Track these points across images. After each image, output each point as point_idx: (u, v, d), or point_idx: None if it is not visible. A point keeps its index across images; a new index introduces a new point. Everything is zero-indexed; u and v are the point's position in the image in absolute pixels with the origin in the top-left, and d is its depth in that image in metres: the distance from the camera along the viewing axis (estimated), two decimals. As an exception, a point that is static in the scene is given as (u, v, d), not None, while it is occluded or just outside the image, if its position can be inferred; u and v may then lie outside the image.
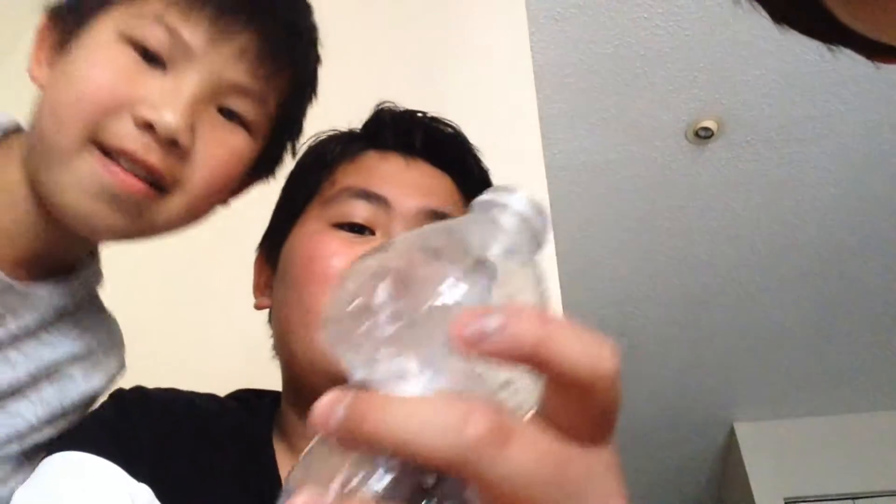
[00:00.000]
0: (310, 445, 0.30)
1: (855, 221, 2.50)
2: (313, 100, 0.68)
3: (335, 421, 0.27)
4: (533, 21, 1.83)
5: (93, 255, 0.65)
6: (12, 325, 0.58)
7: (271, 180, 0.69)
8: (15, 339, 0.58)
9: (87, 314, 0.64)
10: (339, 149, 0.72)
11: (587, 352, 0.27)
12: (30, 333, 0.59)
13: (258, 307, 0.70)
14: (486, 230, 0.32)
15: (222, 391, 0.72)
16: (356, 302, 0.30)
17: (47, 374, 0.61)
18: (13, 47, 1.50)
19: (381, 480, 0.27)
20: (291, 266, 0.65)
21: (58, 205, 0.55)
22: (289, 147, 0.68)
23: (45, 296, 0.60)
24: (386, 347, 0.29)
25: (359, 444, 0.26)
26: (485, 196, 0.33)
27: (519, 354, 0.26)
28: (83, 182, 0.53)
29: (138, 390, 0.65)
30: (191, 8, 0.55)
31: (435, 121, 0.73)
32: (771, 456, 3.26)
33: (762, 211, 2.47)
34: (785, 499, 3.13)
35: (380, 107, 0.75)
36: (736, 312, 2.84)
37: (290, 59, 0.61)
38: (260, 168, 0.65)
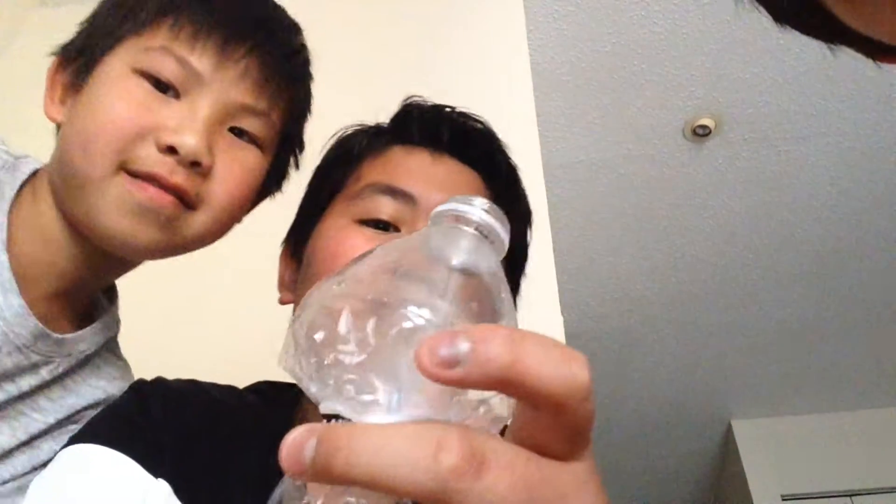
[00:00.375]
0: (279, 486, 0.29)
1: (852, 219, 2.50)
2: (309, 115, 0.72)
3: (305, 461, 0.26)
4: (531, 20, 1.82)
5: (112, 301, 0.69)
6: (44, 372, 0.62)
7: (278, 194, 0.72)
8: (44, 387, 0.62)
9: (105, 361, 0.68)
10: (365, 143, 0.71)
11: (558, 369, 0.26)
12: (57, 380, 0.63)
13: (282, 302, 0.70)
14: (446, 243, 0.31)
15: (241, 384, 0.72)
16: (319, 333, 0.29)
17: (72, 417, 0.65)
18: (8, 44, 1.50)
19: None
20: (315, 262, 0.64)
21: (97, 228, 0.58)
22: (292, 161, 0.72)
23: (76, 342, 0.63)
24: (354, 376, 0.28)
25: (331, 481, 0.26)
26: (443, 207, 0.33)
27: (490, 380, 0.26)
28: (119, 203, 0.57)
29: (158, 382, 0.65)
30: (196, 38, 0.59)
31: (463, 116, 0.72)
32: (768, 453, 3.26)
33: (760, 209, 2.47)
34: (782, 496, 3.14)
35: (407, 101, 0.73)
36: (733, 310, 2.85)
37: (289, 77, 0.65)
38: (269, 183, 0.68)
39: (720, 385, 3.20)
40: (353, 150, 0.71)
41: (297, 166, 0.72)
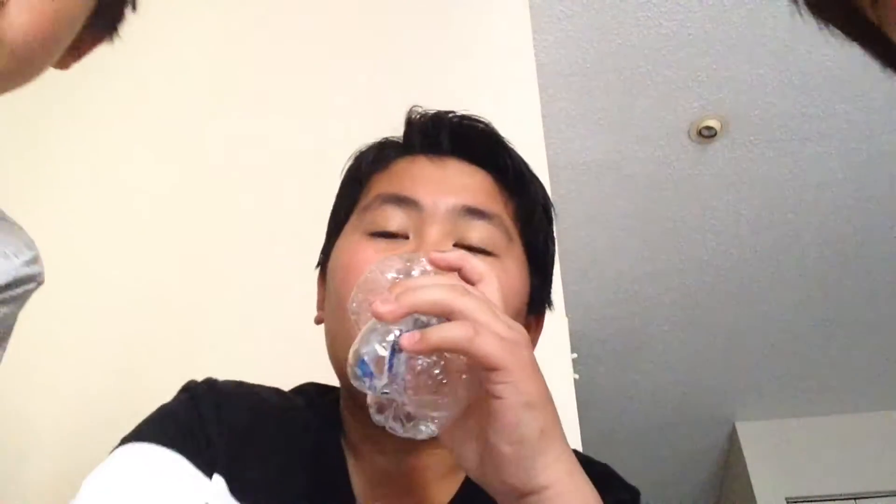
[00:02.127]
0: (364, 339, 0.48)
1: (858, 221, 2.49)
2: None
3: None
4: (536, 20, 1.83)
5: None
6: None
7: (116, 40, 0.65)
8: None
9: None
10: (372, 158, 0.73)
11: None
12: None
13: (316, 322, 0.71)
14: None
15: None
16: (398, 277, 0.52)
17: None
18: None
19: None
20: (332, 278, 0.66)
21: None
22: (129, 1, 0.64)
23: None
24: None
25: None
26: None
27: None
28: None
29: (209, 382, 0.66)
30: None
31: (464, 118, 0.73)
32: (773, 455, 3.26)
33: (764, 210, 2.47)
34: (787, 498, 3.13)
35: (409, 112, 0.74)
36: (738, 312, 2.84)
37: None
38: (98, 25, 0.61)
39: (725, 387, 3.20)
40: (362, 167, 0.73)
41: (134, 6, 0.64)
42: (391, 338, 0.47)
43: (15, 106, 0.58)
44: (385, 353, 0.47)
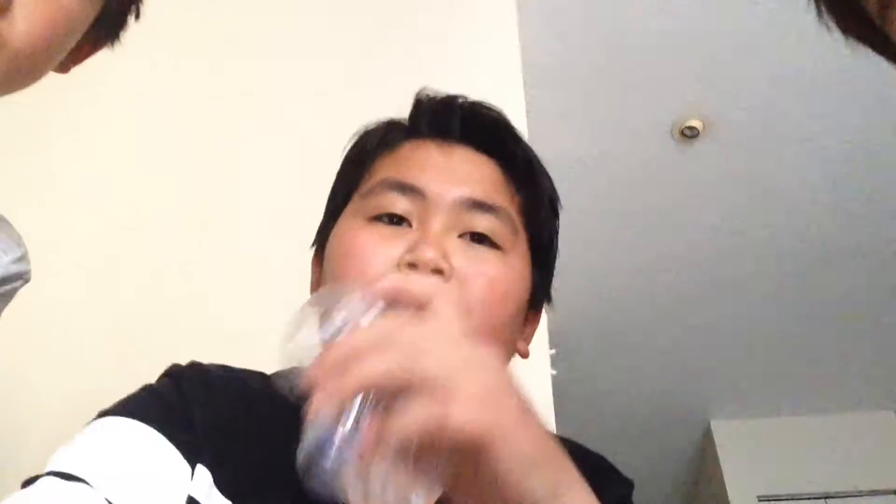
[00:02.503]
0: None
1: (838, 221, 2.51)
2: None
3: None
4: (523, 15, 1.82)
5: None
6: None
7: (116, 45, 0.65)
8: None
9: None
10: (377, 140, 0.71)
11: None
12: None
13: None
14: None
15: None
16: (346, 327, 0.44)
17: None
18: None
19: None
20: (330, 263, 0.65)
21: None
22: (132, 8, 0.64)
23: None
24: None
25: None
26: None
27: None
28: None
29: (195, 366, 0.63)
30: None
31: (475, 104, 0.72)
32: (746, 454, 3.29)
33: (744, 210, 2.48)
34: (758, 497, 3.16)
35: (418, 94, 0.72)
36: (715, 310, 2.86)
37: None
38: (100, 31, 0.62)
39: (700, 385, 3.22)
40: (367, 148, 0.71)
41: (137, 14, 0.65)
42: (349, 422, 0.39)
43: (6, 100, 0.58)
44: (340, 452, 0.38)
